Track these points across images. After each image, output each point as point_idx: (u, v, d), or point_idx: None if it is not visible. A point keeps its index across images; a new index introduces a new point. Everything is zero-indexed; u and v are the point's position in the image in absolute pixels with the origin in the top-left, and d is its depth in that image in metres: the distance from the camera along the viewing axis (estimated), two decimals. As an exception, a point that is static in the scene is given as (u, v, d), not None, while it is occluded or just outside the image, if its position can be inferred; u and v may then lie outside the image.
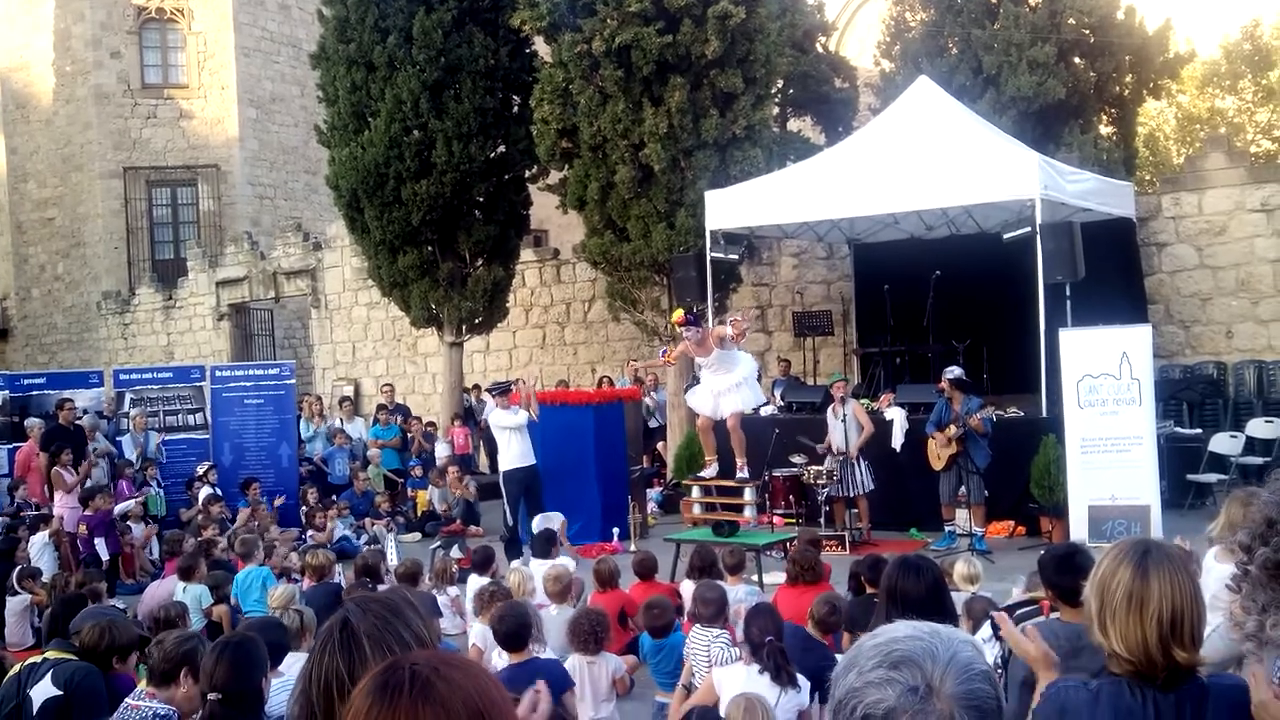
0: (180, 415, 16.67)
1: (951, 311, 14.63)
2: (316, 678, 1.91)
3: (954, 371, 12.08)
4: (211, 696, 3.99)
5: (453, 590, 9.45)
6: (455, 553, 12.16)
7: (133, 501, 13.63)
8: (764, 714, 4.64)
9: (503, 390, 13.23)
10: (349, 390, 22.84)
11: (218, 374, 17.09)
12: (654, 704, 6.61)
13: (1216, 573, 4.40)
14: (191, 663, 4.40)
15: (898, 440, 12.66)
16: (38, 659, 5.07)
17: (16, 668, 5.07)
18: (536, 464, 12.80)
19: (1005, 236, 13.64)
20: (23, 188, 31.86)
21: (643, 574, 8.57)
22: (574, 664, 6.31)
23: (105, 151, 29.89)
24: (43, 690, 4.69)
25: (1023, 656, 3.16)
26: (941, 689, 1.52)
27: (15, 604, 10.22)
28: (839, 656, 7.37)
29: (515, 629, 5.64)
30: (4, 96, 31.88)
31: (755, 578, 9.70)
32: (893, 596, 4.35)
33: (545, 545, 9.36)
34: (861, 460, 12.22)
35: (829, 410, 12.63)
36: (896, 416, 12.78)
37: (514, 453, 12.71)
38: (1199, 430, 14.13)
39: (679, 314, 12.43)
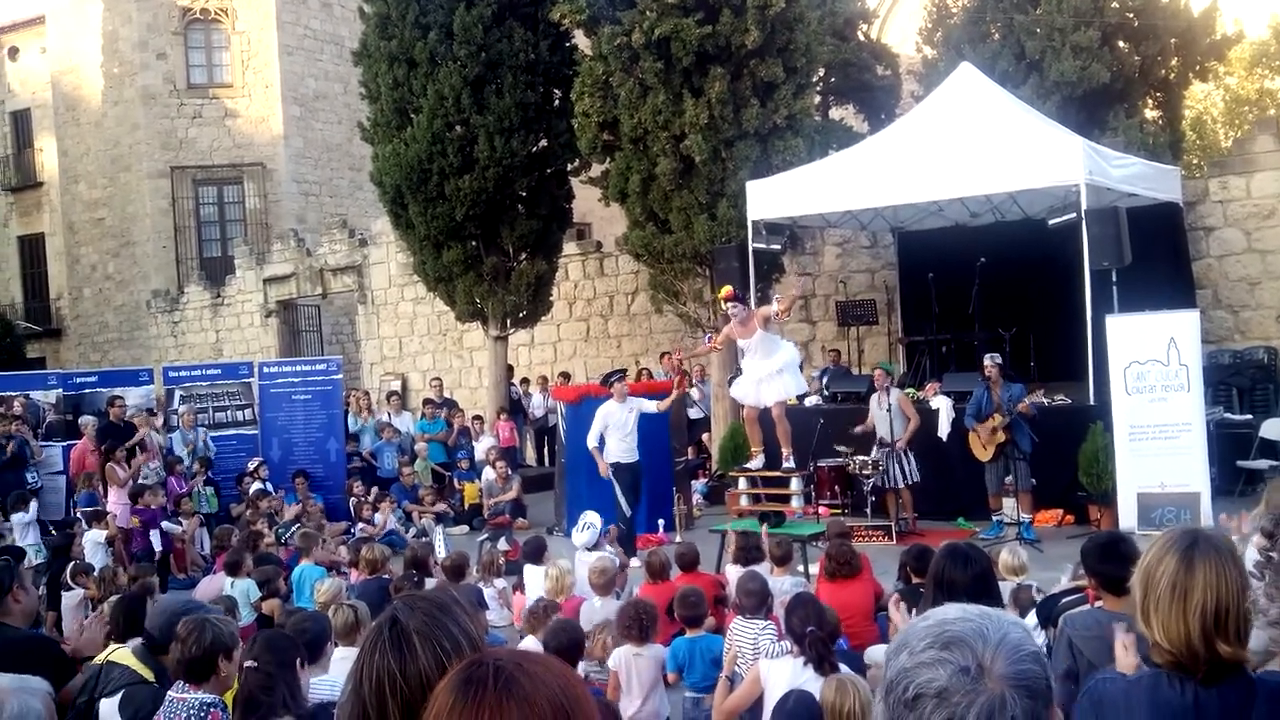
0: (229, 411, 16.88)
1: (997, 299, 14.55)
2: (367, 675, 1.92)
3: (996, 358, 12.03)
4: (248, 664, 4.07)
5: (499, 582, 9.52)
6: (502, 545, 12.25)
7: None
8: (855, 693, 4.64)
9: (618, 378, 13.06)
10: (396, 385, 23.01)
11: (266, 370, 17.28)
12: (685, 699, 6.62)
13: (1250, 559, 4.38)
14: (222, 646, 4.45)
15: (944, 429, 12.61)
16: (112, 657, 5.11)
17: (99, 660, 5.16)
18: (639, 460, 12.66)
19: (1050, 222, 13.53)
20: (74, 189, 32.29)
21: (685, 566, 8.59)
22: (621, 655, 6.34)
23: (153, 151, 30.25)
24: (109, 710, 4.74)
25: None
26: (993, 669, 1.53)
27: (70, 599, 10.39)
28: (881, 647, 7.36)
29: (567, 645, 5.63)
30: (55, 99, 32.32)
31: (801, 568, 9.70)
32: (940, 585, 4.34)
33: (537, 553, 9.38)
34: (908, 451, 12.18)
35: (873, 399, 12.61)
36: (942, 405, 12.73)
37: (615, 448, 12.61)
38: (1249, 416, 13.96)
39: (727, 289, 12.42)
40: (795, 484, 11.99)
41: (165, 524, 13.21)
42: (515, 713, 1.53)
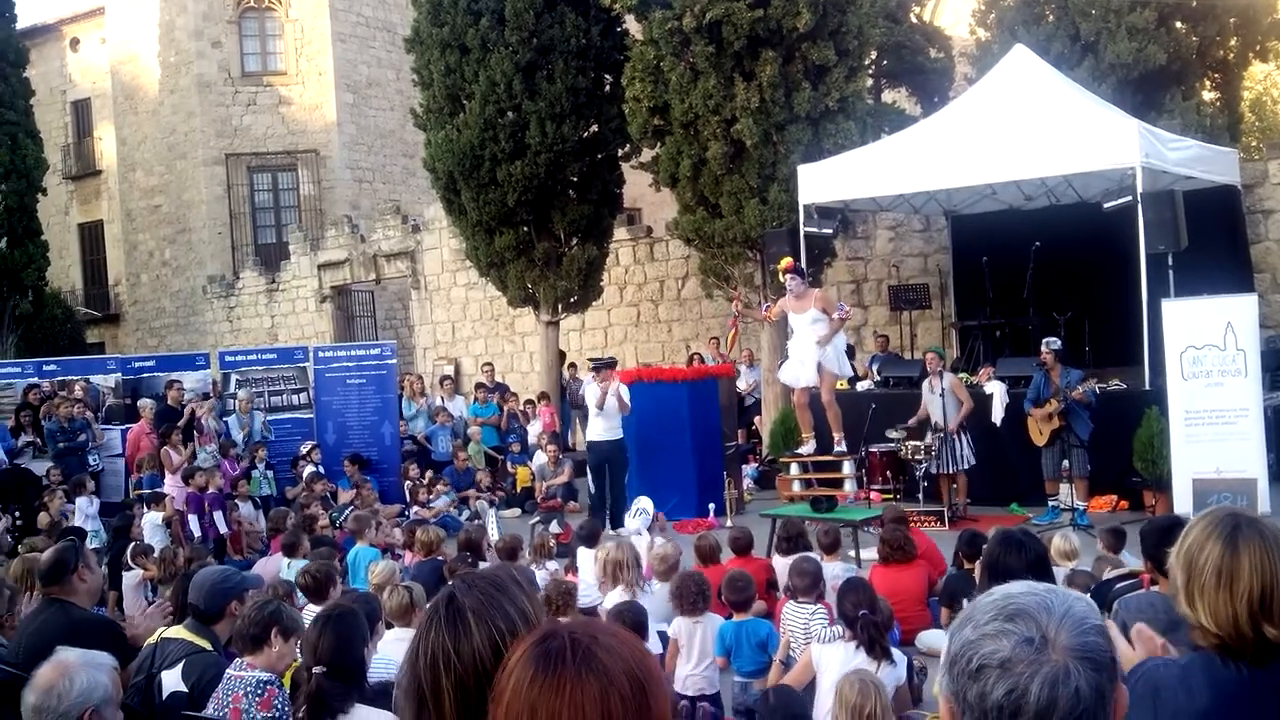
0: (285, 395, 17.08)
1: (1051, 283, 14.42)
2: (423, 652, 1.94)
3: (1054, 343, 11.94)
4: (316, 670, 4.14)
5: (551, 565, 9.58)
6: (554, 528, 12.35)
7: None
8: (876, 694, 4.65)
9: (603, 366, 13.34)
10: (449, 369, 23.17)
11: (321, 355, 17.44)
12: (734, 683, 6.67)
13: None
14: (278, 623, 4.54)
15: (998, 414, 12.54)
16: (167, 633, 5.21)
17: (154, 638, 5.27)
18: (620, 440, 13.00)
19: (1105, 206, 13.37)
20: (131, 176, 32.73)
21: (739, 549, 8.62)
22: (679, 625, 6.46)
23: (208, 139, 30.58)
24: (172, 680, 4.82)
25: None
26: (1057, 641, 1.54)
27: (130, 579, 10.60)
28: (934, 632, 7.37)
29: (632, 626, 5.70)
30: (114, 89, 32.76)
31: (852, 553, 9.70)
32: (994, 571, 4.34)
33: (592, 536, 9.40)
34: (962, 436, 12.12)
35: (925, 384, 12.56)
36: (996, 390, 12.65)
37: (596, 426, 13.04)
38: (1309, 401, 13.76)
39: (787, 260, 12.41)
40: (847, 468, 11.97)
41: (238, 500, 13.44)
42: (595, 686, 1.54)
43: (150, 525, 11.85)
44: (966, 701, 1.58)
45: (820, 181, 14.16)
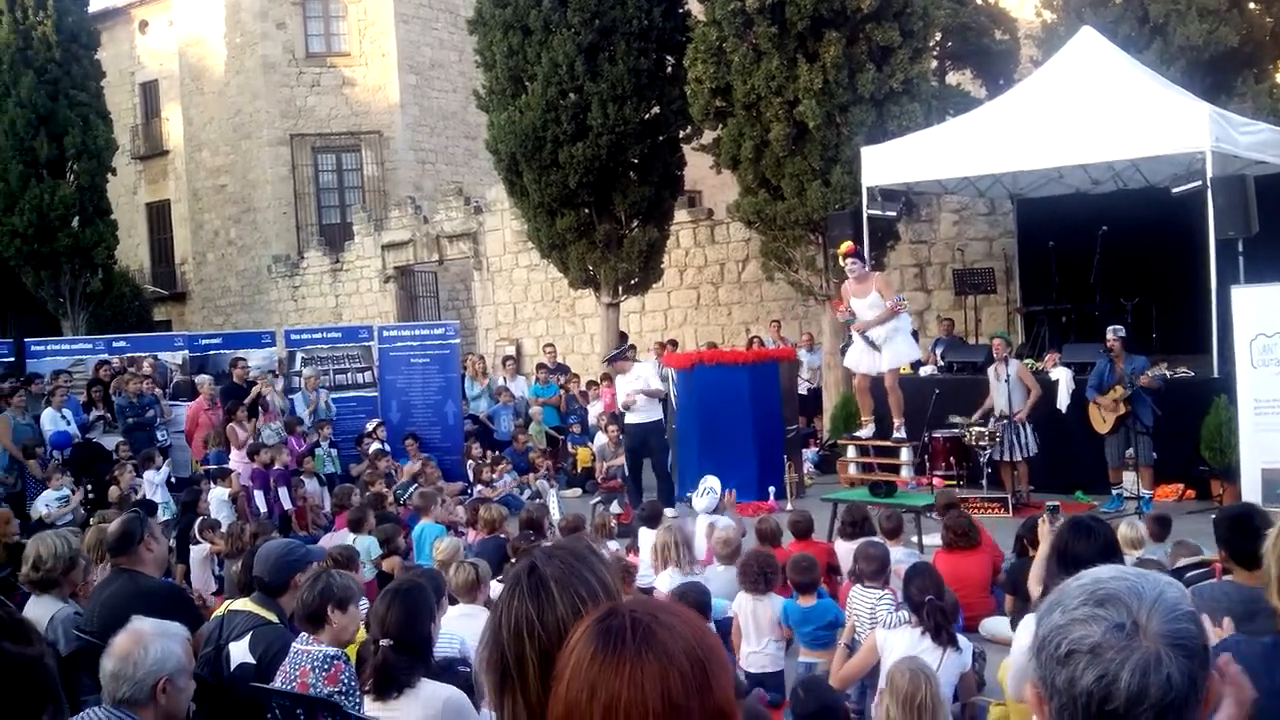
0: (349, 374, 17.28)
1: (1118, 268, 14.22)
2: (506, 621, 1.95)
3: (1120, 330, 11.79)
4: (383, 643, 4.19)
5: (612, 545, 9.62)
6: (615, 508, 12.41)
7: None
8: (928, 686, 4.63)
9: (617, 358, 13.78)
10: (511, 350, 23.30)
11: (385, 334, 17.64)
12: (800, 664, 6.67)
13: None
14: (331, 598, 4.57)
15: (1063, 401, 12.41)
16: (233, 606, 5.30)
17: (220, 611, 5.36)
18: (657, 421, 13.34)
19: (1174, 191, 13.18)
20: (198, 156, 33.14)
21: (799, 533, 8.61)
22: (741, 602, 6.50)
23: (273, 120, 30.88)
24: (240, 652, 4.91)
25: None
26: (1148, 627, 1.52)
27: (197, 553, 10.78)
28: (997, 619, 7.32)
29: (694, 606, 5.73)
30: (181, 70, 33.16)
31: (915, 539, 9.66)
32: (1063, 557, 4.29)
33: (654, 516, 9.42)
34: (1026, 423, 12.00)
35: (990, 370, 12.45)
36: (1062, 377, 12.52)
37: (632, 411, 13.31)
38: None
39: (848, 245, 12.36)
40: (905, 454, 11.91)
41: (303, 477, 13.64)
42: (655, 666, 1.53)
43: (216, 500, 12.03)
44: (1055, 687, 1.56)
45: (884, 163, 14.05)
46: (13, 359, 18.61)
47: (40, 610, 5.55)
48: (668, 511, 11.35)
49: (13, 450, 13.93)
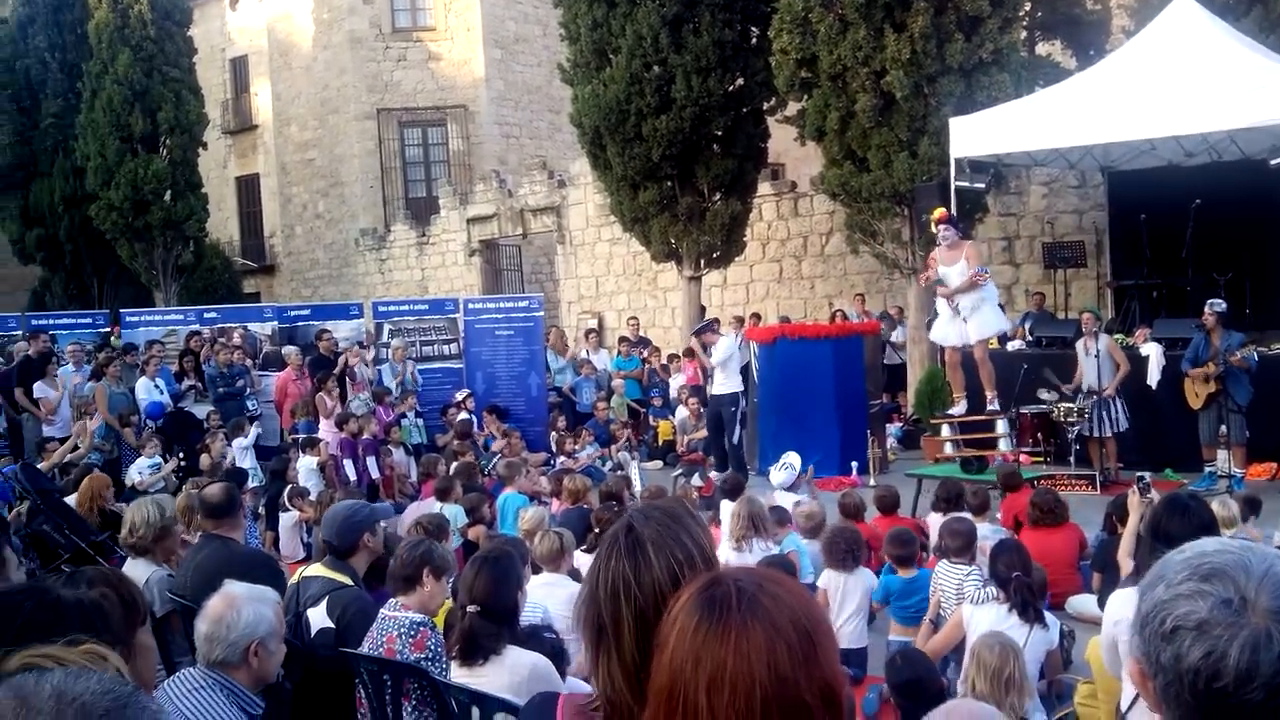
0: (435, 345, 17.48)
1: (1212, 242, 13.87)
2: (604, 581, 1.96)
3: (1218, 305, 11.50)
4: (470, 609, 4.23)
5: (694, 517, 9.62)
6: (696, 480, 12.42)
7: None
8: (1015, 660, 4.58)
9: (704, 330, 13.92)
10: (593, 323, 23.39)
11: (470, 306, 17.80)
12: (889, 642, 6.64)
13: None
14: (430, 562, 4.62)
15: (1154, 377, 12.16)
16: (306, 573, 5.37)
17: (295, 578, 5.45)
18: (734, 393, 13.66)
19: (1272, 163, 12.83)
20: (286, 131, 33.59)
21: (885, 508, 8.56)
22: (829, 578, 6.48)
23: (360, 94, 31.21)
24: (318, 617, 4.98)
25: None
26: (1257, 603, 1.45)
27: (287, 520, 11.01)
28: (1084, 597, 7.22)
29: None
30: (270, 46, 33.60)
31: (1000, 516, 9.55)
32: (1157, 535, 4.20)
33: (736, 489, 9.38)
34: (1116, 398, 11.78)
35: (1080, 344, 12.23)
36: (1153, 352, 12.27)
37: (715, 380, 13.77)
38: None
39: (940, 211, 12.21)
40: (1001, 426, 11.76)
41: (390, 447, 13.86)
42: (760, 635, 1.52)
43: (305, 469, 12.25)
44: (1159, 664, 1.51)
45: (972, 135, 13.82)
46: (109, 329, 19.08)
47: (136, 573, 5.71)
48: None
49: (109, 419, 14.27)
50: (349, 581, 5.16)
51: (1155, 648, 1.51)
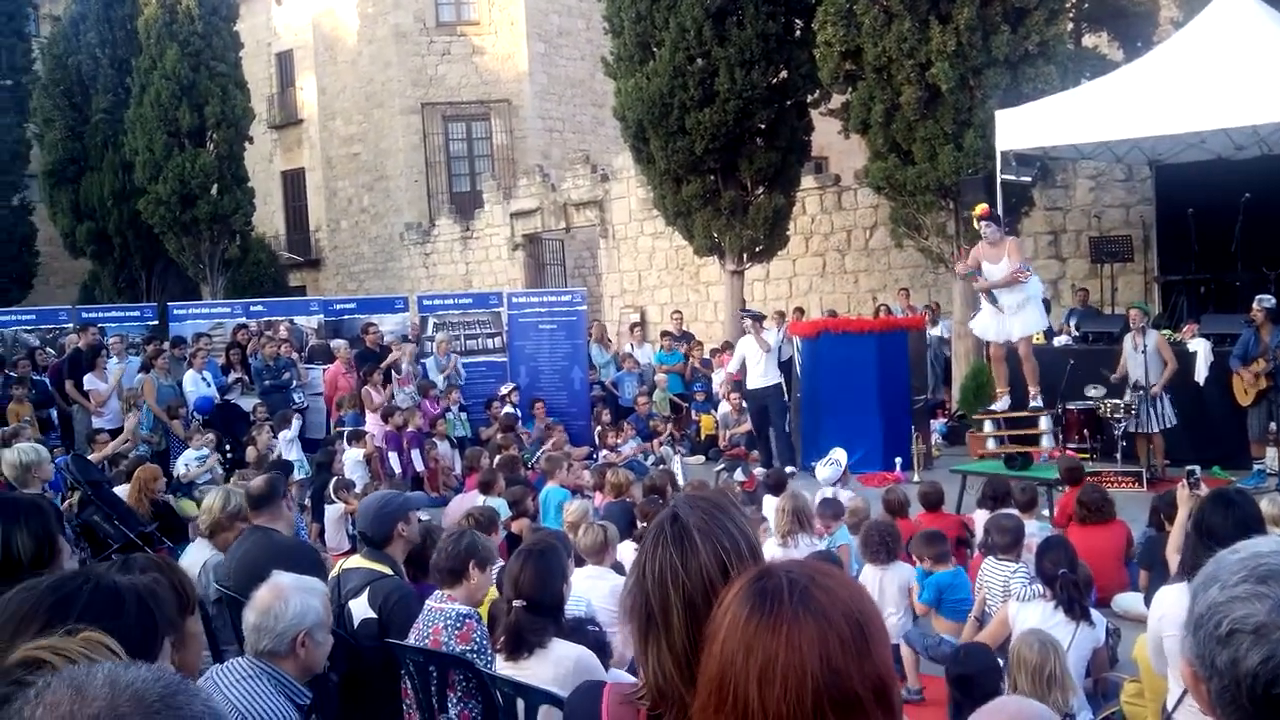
0: (479, 339, 17.58)
1: (1262, 237, 13.67)
2: (651, 569, 1.97)
3: (1267, 300, 11.36)
4: (516, 603, 4.25)
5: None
6: (739, 475, 12.41)
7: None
8: (1056, 657, 4.54)
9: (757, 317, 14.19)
10: (635, 317, 23.40)
11: (514, 300, 17.88)
12: (929, 637, 6.60)
13: None
14: (475, 555, 4.65)
15: (1201, 373, 12.03)
16: (346, 565, 5.42)
17: (335, 571, 5.50)
18: (775, 385, 13.92)
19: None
20: (331, 125, 33.78)
21: (929, 504, 8.52)
22: (867, 574, 6.46)
23: (404, 88, 31.33)
24: (360, 608, 5.02)
25: None
26: None
27: (332, 512, 11.09)
28: (1130, 595, 7.16)
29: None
30: (315, 40, 33.80)
31: (1047, 513, 9.48)
32: (1200, 531, 4.17)
33: (779, 485, 9.36)
34: (1164, 395, 11.67)
35: (1127, 339, 12.11)
36: (1200, 348, 12.14)
37: (754, 374, 13.96)
38: None
39: (983, 207, 12.13)
40: (1044, 423, 11.67)
41: (435, 439, 13.92)
42: (813, 627, 1.51)
43: (351, 461, 12.34)
44: (1215, 667, 1.49)
45: (1019, 127, 13.69)
46: (156, 322, 19.30)
47: (199, 555, 5.87)
48: (787, 470, 11.40)
49: (157, 411, 14.44)
50: (389, 571, 5.20)
51: (1210, 650, 1.49)
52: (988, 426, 12.15)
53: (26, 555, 2.47)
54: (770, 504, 9.14)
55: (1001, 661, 5.04)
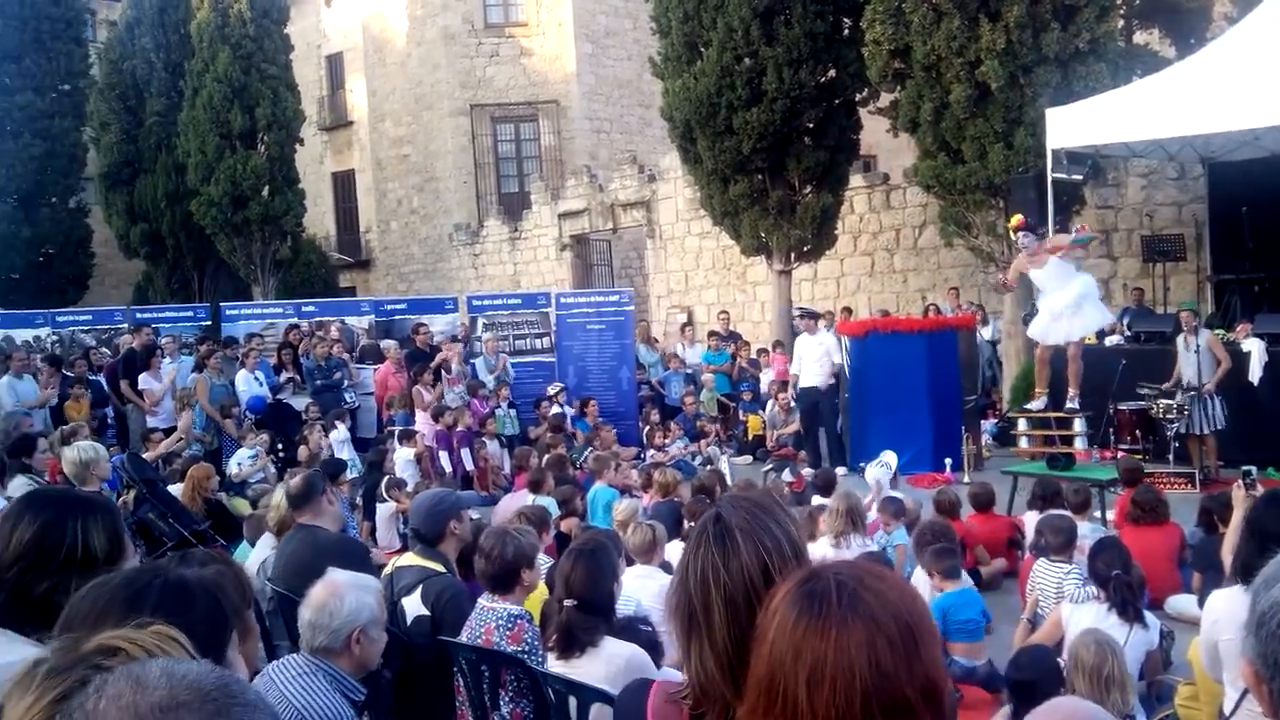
0: (528, 339, 17.68)
1: (1318, 236, 13.53)
2: (693, 569, 1.99)
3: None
4: (568, 603, 4.28)
5: (785, 513, 9.60)
6: (786, 476, 12.40)
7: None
8: (1114, 658, 4.51)
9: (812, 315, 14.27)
10: (683, 318, 23.41)
11: (562, 300, 17.96)
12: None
13: None
14: (524, 560, 4.64)
15: (1255, 373, 11.88)
16: (398, 562, 5.46)
17: (389, 568, 5.55)
18: (816, 386, 14.03)
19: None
20: (381, 127, 34.05)
21: (980, 505, 8.48)
22: (920, 575, 6.43)
23: (453, 90, 31.52)
24: (413, 605, 5.06)
25: None
26: None
27: (384, 511, 11.18)
28: (1184, 597, 7.09)
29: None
30: (365, 42, 34.08)
31: (1098, 514, 9.41)
32: (1256, 532, 4.13)
33: (828, 485, 9.32)
34: (1215, 395, 11.54)
35: (1180, 339, 11.99)
36: (1254, 348, 11.99)
37: (805, 374, 14.13)
38: None
39: (1017, 219, 12.07)
40: (1079, 425, 11.59)
41: (485, 439, 14.01)
42: (862, 630, 1.50)
43: (402, 460, 12.44)
44: (1278, 666, 1.49)
45: (1070, 125, 13.58)
46: (209, 322, 19.53)
47: (262, 553, 5.98)
48: (838, 471, 11.38)
49: (210, 410, 14.61)
50: (441, 569, 5.23)
51: (1273, 649, 1.49)
52: (1021, 425, 12.09)
53: (102, 552, 2.53)
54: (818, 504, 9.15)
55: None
